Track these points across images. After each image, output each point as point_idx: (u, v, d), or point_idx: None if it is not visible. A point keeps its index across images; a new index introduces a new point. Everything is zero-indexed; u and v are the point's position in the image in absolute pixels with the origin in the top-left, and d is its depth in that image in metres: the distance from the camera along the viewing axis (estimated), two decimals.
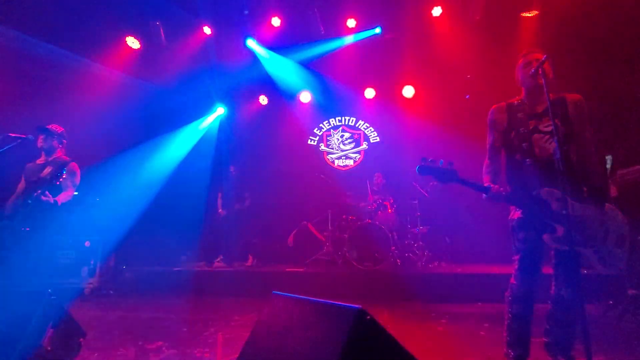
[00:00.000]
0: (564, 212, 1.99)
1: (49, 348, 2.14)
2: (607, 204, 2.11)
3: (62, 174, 3.19)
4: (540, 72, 2.09)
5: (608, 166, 5.29)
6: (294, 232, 6.31)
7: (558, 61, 2.31)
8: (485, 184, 2.16)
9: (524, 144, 2.18)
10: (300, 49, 6.61)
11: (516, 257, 2.19)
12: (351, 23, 6.16)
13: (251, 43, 6.51)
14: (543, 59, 2.06)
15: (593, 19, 5.19)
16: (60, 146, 3.50)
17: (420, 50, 6.37)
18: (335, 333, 1.30)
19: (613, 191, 4.16)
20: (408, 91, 6.95)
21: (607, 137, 5.29)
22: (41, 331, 2.08)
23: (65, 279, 4.91)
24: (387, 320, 3.52)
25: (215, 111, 7.48)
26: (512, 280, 2.19)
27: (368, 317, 1.39)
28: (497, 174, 2.31)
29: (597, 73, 5.37)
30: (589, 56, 5.44)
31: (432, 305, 4.13)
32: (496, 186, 2.12)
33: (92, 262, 5.04)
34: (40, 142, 3.39)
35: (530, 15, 5.48)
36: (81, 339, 2.46)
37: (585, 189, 2.12)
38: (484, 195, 2.11)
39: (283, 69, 7.00)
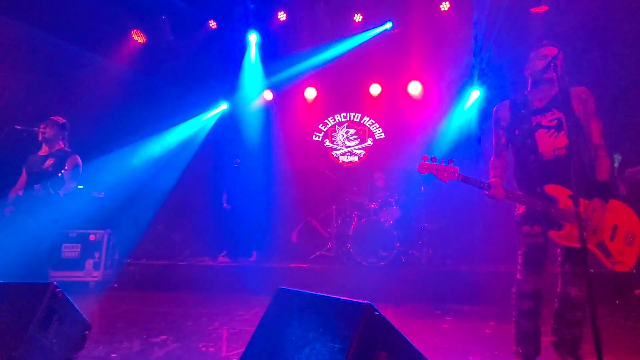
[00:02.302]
0: (572, 208, 1.96)
1: (55, 340, 2.14)
2: (617, 201, 2.07)
3: (64, 166, 3.18)
4: (552, 66, 2.06)
5: (616, 165, 5.22)
6: (298, 228, 6.31)
7: (566, 57, 2.27)
8: (489, 181, 2.13)
9: (527, 141, 2.18)
10: (306, 45, 6.55)
11: (520, 252, 2.18)
12: (358, 18, 6.10)
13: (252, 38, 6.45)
14: (556, 53, 2.03)
15: (603, 14, 5.11)
16: (62, 137, 3.45)
17: (427, 46, 6.30)
18: (343, 328, 1.29)
19: (622, 189, 4.12)
20: (414, 87, 6.89)
21: (616, 135, 5.22)
22: (46, 323, 2.08)
23: (70, 272, 4.94)
24: (392, 317, 3.47)
25: (219, 106, 7.46)
26: (518, 276, 2.18)
27: (376, 312, 1.37)
28: (504, 170, 2.31)
29: (606, 70, 5.29)
30: (599, 52, 5.35)
31: (437, 303, 4.10)
32: (497, 182, 2.10)
33: (96, 256, 5.05)
34: (41, 133, 3.33)
35: (539, 10, 5.40)
36: (86, 332, 2.46)
37: (592, 183, 2.09)
38: (485, 191, 2.10)
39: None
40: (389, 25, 6.21)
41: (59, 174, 3.17)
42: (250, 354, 1.57)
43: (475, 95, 6.48)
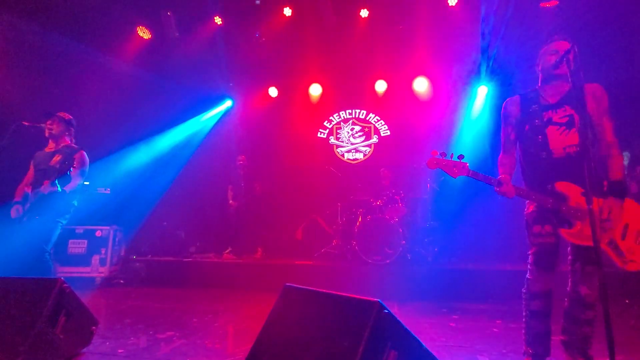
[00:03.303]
0: (583, 206, 1.93)
1: (62, 336, 2.15)
2: (628, 199, 2.04)
3: (72, 163, 3.18)
4: (564, 61, 2.02)
5: (625, 163, 5.15)
6: (302, 225, 6.30)
7: (578, 53, 2.23)
8: (499, 177, 2.10)
9: (538, 137, 2.14)
10: (311, 41, 6.50)
11: (531, 252, 2.15)
12: (364, 13, 6.05)
13: None
14: (568, 48, 1.99)
15: (615, 8, 5.02)
16: (68, 133, 3.45)
17: (434, 42, 6.23)
18: (352, 325, 1.27)
19: (633, 187, 4.06)
20: (420, 84, 6.83)
21: (626, 133, 5.14)
22: (54, 318, 2.09)
23: (77, 267, 4.98)
24: (398, 315, 3.41)
25: (224, 103, 7.47)
26: (528, 276, 2.15)
27: (385, 310, 1.35)
28: (512, 167, 2.28)
29: (617, 66, 5.21)
30: (610, 49, 5.27)
31: (443, 302, 4.07)
32: (507, 178, 2.08)
33: (103, 252, 5.08)
34: (47, 129, 3.34)
35: (549, 5, 5.31)
36: (93, 327, 2.47)
37: (605, 182, 2.06)
38: (495, 188, 2.07)
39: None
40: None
41: (68, 172, 3.16)
42: (258, 350, 1.56)
43: (483, 91, 6.42)
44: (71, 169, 3.14)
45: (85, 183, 3.81)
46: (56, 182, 3.05)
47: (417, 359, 1.46)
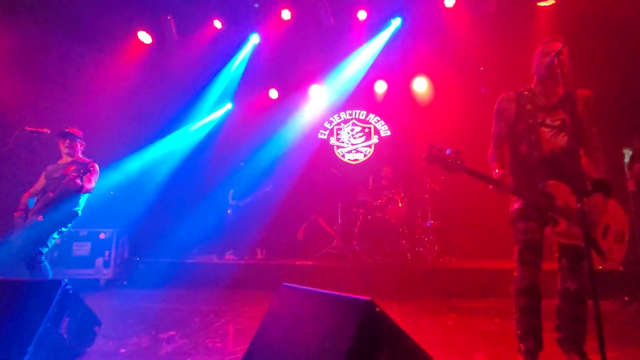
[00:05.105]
0: (572, 205, 1.96)
1: (66, 336, 2.21)
2: (610, 199, 2.07)
3: (86, 173, 3.33)
4: (556, 63, 2.04)
5: (626, 160, 5.15)
6: (303, 226, 6.33)
7: (576, 52, 2.25)
8: (493, 173, 2.12)
9: (532, 136, 2.16)
10: (310, 43, 6.55)
11: (516, 249, 2.18)
12: (362, 15, 6.09)
13: None
14: (559, 48, 2.01)
15: (612, 7, 5.03)
16: (80, 147, 3.71)
17: (433, 42, 6.26)
18: (344, 324, 1.31)
19: (631, 185, 4.07)
20: (420, 84, 6.85)
21: (626, 130, 5.14)
22: (58, 319, 2.14)
23: (81, 269, 5.04)
24: (397, 314, 3.52)
25: (225, 105, 7.53)
26: (515, 273, 2.18)
27: (377, 308, 1.39)
28: (503, 162, 2.29)
29: (616, 64, 5.21)
30: (608, 47, 5.27)
31: (442, 300, 4.11)
32: (502, 174, 2.09)
33: (106, 254, 5.15)
34: (64, 146, 3.59)
35: (546, 4, 5.32)
36: (96, 328, 2.52)
37: (589, 183, 2.09)
38: (492, 185, 2.08)
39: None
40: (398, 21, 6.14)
41: (79, 179, 3.30)
42: (254, 349, 1.61)
43: (481, 91, 6.43)
44: (83, 177, 3.29)
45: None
46: (77, 181, 3.19)
47: (409, 356, 1.49)
